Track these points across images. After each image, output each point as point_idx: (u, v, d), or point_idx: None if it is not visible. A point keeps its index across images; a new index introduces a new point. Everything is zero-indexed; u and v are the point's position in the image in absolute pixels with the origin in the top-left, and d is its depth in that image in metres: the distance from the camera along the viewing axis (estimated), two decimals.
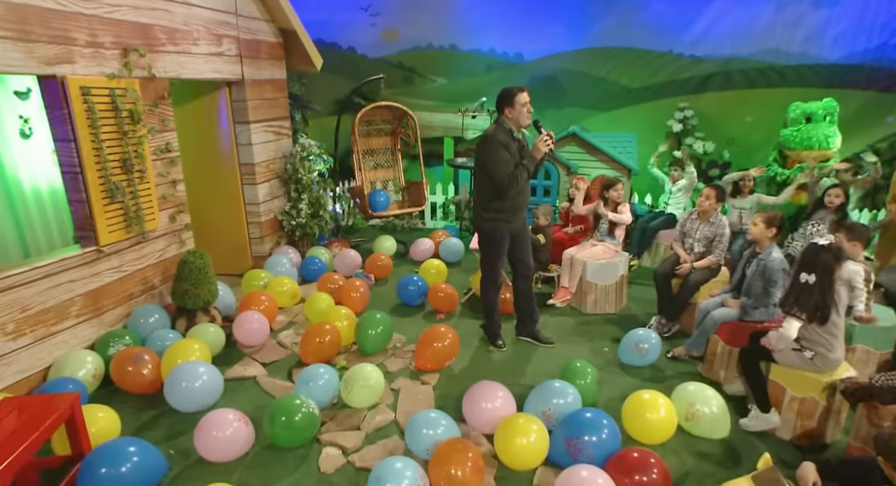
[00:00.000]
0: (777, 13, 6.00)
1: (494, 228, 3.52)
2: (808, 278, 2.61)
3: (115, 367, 3.18)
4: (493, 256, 3.64)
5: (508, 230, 3.56)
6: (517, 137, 3.42)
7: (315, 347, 3.57)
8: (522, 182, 3.38)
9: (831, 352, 2.76)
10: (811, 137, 5.01)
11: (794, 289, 2.65)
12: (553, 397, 2.87)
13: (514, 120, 3.38)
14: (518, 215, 3.57)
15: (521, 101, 3.32)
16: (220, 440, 2.61)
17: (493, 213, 3.48)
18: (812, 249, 2.65)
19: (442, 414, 2.73)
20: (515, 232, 3.62)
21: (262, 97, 5.00)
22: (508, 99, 3.35)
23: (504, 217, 3.49)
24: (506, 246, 3.61)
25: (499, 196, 3.41)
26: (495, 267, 3.68)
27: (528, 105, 3.35)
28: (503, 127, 3.39)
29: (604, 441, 2.53)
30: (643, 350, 3.53)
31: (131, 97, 3.50)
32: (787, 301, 2.69)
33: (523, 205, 3.58)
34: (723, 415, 2.85)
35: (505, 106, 3.38)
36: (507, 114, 3.39)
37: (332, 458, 2.72)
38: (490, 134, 3.37)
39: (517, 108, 3.33)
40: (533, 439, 2.56)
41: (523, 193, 3.52)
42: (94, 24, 3.26)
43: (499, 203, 3.45)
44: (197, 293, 3.80)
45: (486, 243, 3.65)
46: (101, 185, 3.35)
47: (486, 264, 3.72)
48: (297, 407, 2.76)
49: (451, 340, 3.57)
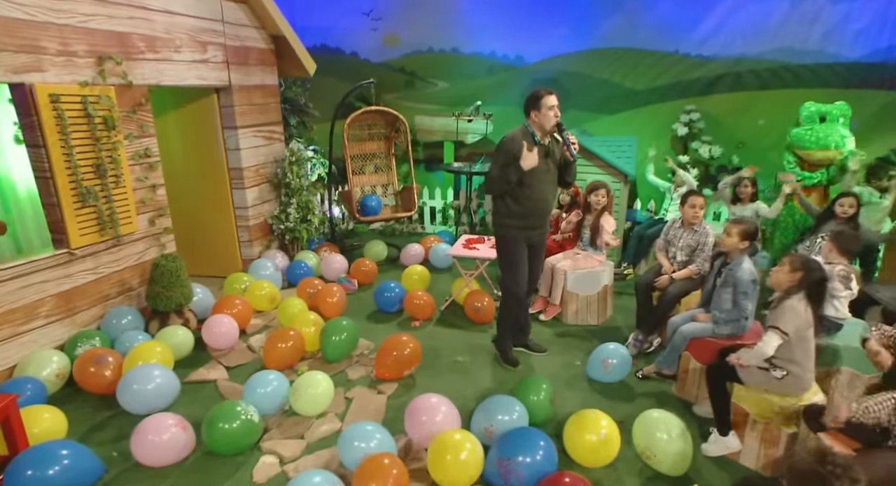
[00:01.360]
0: (792, 9, 5.65)
1: (506, 233, 3.39)
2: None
3: (77, 367, 3.26)
4: (510, 262, 3.43)
5: (524, 237, 3.39)
6: (540, 142, 3.25)
7: (278, 352, 3.57)
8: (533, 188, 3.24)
9: (805, 372, 2.56)
10: (828, 137, 4.65)
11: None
12: (498, 413, 2.76)
13: (539, 124, 3.21)
14: (534, 224, 3.38)
15: (548, 104, 3.16)
16: (156, 444, 2.63)
17: (504, 218, 3.35)
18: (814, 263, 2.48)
19: (378, 427, 2.67)
20: (532, 243, 3.45)
21: (250, 103, 5.07)
22: (535, 102, 3.20)
23: (516, 223, 3.34)
24: (522, 252, 3.41)
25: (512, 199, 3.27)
26: (515, 279, 3.43)
27: (556, 109, 3.18)
28: (527, 131, 3.26)
29: (538, 463, 2.41)
30: (610, 366, 3.37)
31: (105, 104, 3.59)
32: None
33: (539, 212, 3.37)
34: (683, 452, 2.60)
35: (531, 109, 3.23)
36: (532, 117, 3.24)
37: (267, 467, 2.70)
38: (507, 137, 3.26)
39: (543, 111, 3.17)
40: (465, 456, 2.45)
41: (536, 199, 3.31)
42: (66, 33, 3.36)
43: (508, 207, 3.31)
44: (169, 296, 3.87)
45: (500, 249, 3.49)
46: (73, 189, 3.45)
47: (503, 272, 3.51)
48: (235, 414, 2.75)
49: (411, 349, 3.50)
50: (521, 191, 3.25)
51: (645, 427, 2.68)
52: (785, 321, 2.43)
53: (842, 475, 1.58)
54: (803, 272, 2.43)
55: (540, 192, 3.30)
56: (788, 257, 2.52)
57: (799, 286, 2.44)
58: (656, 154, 5.64)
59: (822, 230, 4.08)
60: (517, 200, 3.28)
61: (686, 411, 3.17)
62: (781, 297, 2.51)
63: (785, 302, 2.47)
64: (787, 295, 2.47)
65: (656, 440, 2.59)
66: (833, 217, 4.08)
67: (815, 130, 4.80)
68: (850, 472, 1.58)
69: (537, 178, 3.25)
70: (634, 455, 2.73)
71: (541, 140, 3.25)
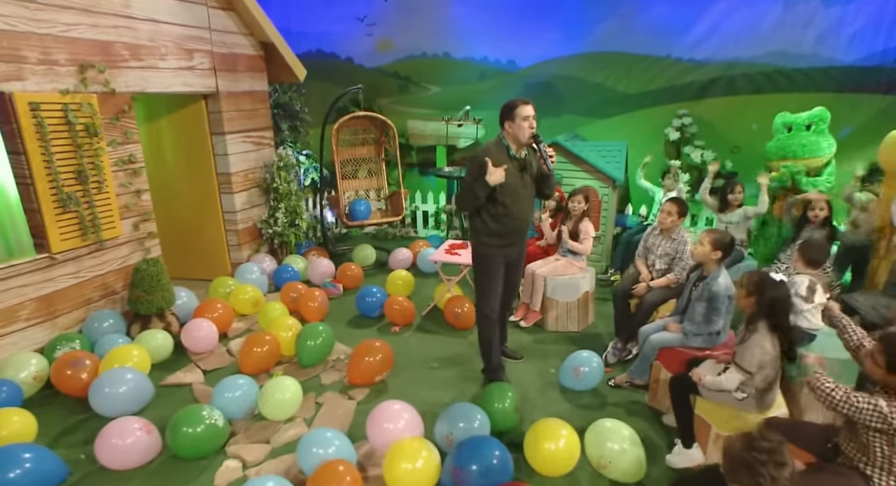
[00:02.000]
0: (785, 12, 5.57)
1: (485, 251, 3.21)
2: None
3: (54, 370, 3.32)
4: (486, 282, 3.25)
5: (502, 255, 3.22)
6: (515, 156, 3.05)
7: (254, 357, 3.60)
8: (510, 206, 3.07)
9: (768, 393, 2.52)
10: (785, 147, 4.65)
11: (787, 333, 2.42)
12: (460, 421, 2.76)
13: (514, 135, 3.01)
14: (513, 241, 3.21)
15: (523, 114, 2.95)
16: (119, 448, 2.67)
17: (482, 236, 3.17)
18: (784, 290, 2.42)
19: (338, 434, 2.68)
20: (510, 261, 3.29)
21: (239, 109, 5.13)
22: (509, 112, 3.00)
23: (494, 242, 3.17)
24: (498, 270, 3.24)
25: (489, 217, 3.11)
26: (488, 299, 3.27)
27: (532, 120, 2.98)
28: (501, 144, 3.07)
29: (491, 472, 2.40)
30: (581, 374, 3.35)
31: (87, 112, 3.66)
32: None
33: (518, 229, 3.20)
34: (636, 458, 2.60)
35: (505, 120, 3.03)
36: (506, 128, 3.04)
37: (229, 471, 2.72)
38: (481, 150, 3.09)
39: (517, 122, 2.96)
40: (420, 465, 2.46)
41: (514, 217, 3.12)
42: (48, 42, 3.44)
43: (485, 224, 3.14)
44: (150, 300, 3.92)
45: (476, 266, 3.31)
46: (53, 195, 3.52)
47: (478, 291, 3.34)
48: (200, 419, 2.78)
49: (383, 355, 3.51)
50: (497, 209, 3.08)
51: (596, 437, 2.66)
52: (749, 360, 2.37)
53: (767, 461, 1.58)
54: (756, 296, 2.38)
55: (517, 209, 3.12)
56: (743, 278, 2.48)
57: (759, 311, 2.39)
58: (650, 161, 5.60)
59: (801, 237, 4.04)
60: (495, 217, 3.10)
61: (657, 420, 3.14)
62: (748, 328, 2.45)
63: (751, 337, 2.41)
64: (753, 325, 2.41)
65: (607, 449, 2.58)
66: (808, 222, 4.03)
67: (779, 142, 4.84)
68: (775, 456, 1.57)
69: (514, 194, 3.07)
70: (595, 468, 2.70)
71: (516, 153, 3.06)
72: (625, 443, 2.61)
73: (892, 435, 1.87)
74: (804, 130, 4.75)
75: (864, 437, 1.94)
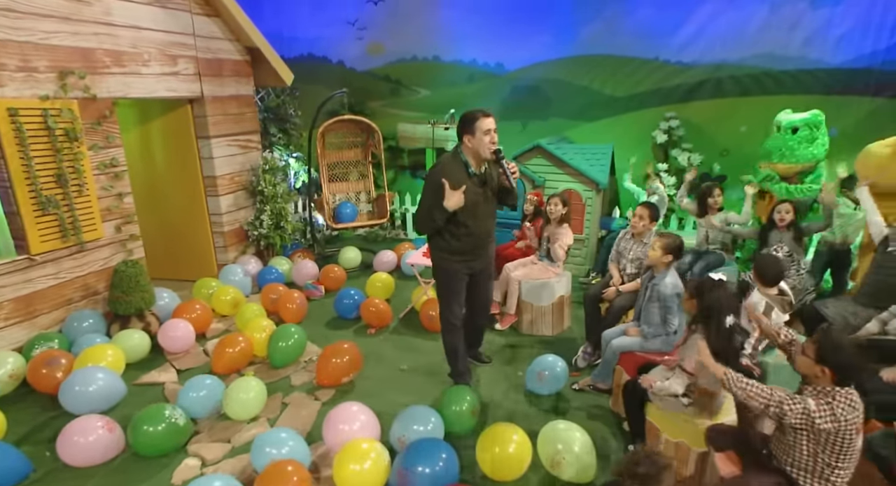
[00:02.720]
0: (771, 14, 5.53)
1: (446, 266, 3.11)
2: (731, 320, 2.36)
3: (30, 369, 3.41)
4: (447, 295, 3.19)
5: (465, 269, 3.12)
6: (475, 173, 2.91)
7: (226, 357, 3.67)
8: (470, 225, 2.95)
9: (714, 398, 2.53)
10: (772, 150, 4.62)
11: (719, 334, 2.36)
12: (414, 423, 2.79)
13: (473, 150, 2.85)
14: (476, 256, 3.12)
15: (484, 127, 2.77)
16: (81, 445, 2.75)
17: (443, 252, 3.07)
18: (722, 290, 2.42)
19: (292, 434, 2.73)
20: (475, 272, 3.20)
21: (224, 113, 5.22)
22: (468, 125, 2.81)
23: (455, 259, 3.07)
24: (460, 283, 3.15)
25: (450, 235, 2.99)
26: (451, 308, 3.20)
27: (493, 134, 2.79)
28: (458, 160, 2.90)
29: (437, 473, 2.43)
30: (544, 378, 3.36)
31: (67, 117, 3.76)
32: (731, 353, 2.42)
33: (480, 245, 3.10)
34: (588, 459, 2.62)
35: (464, 133, 2.83)
36: (465, 142, 2.86)
37: (187, 469, 2.78)
38: (436, 167, 2.92)
39: (478, 136, 2.79)
40: (367, 466, 2.50)
41: (476, 235, 3.02)
42: (27, 50, 3.54)
43: (448, 243, 3.02)
44: (129, 300, 4.01)
45: (436, 279, 3.23)
46: (32, 198, 3.62)
47: (440, 304, 3.27)
48: (161, 418, 2.85)
49: (350, 357, 3.56)
50: (459, 229, 2.96)
51: (549, 438, 2.68)
52: (689, 360, 2.39)
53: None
54: (697, 298, 2.39)
55: (478, 226, 3.01)
56: (688, 282, 2.49)
57: (699, 313, 2.40)
58: (636, 162, 5.60)
59: (771, 241, 4.02)
60: (456, 237, 2.99)
61: (617, 425, 3.14)
62: (689, 329, 2.47)
63: (691, 337, 2.43)
64: (695, 326, 2.43)
65: (559, 451, 2.60)
66: (774, 226, 4.01)
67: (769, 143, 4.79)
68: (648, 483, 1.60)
69: (474, 213, 2.94)
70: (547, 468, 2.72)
71: (475, 171, 2.92)
72: (576, 445, 2.62)
73: (816, 435, 1.87)
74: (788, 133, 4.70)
75: (791, 438, 1.95)
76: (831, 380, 1.90)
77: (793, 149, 4.51)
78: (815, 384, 1.95)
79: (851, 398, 1.87)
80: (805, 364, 1.97)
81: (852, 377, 1.90)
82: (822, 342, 1.92)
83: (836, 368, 1.88)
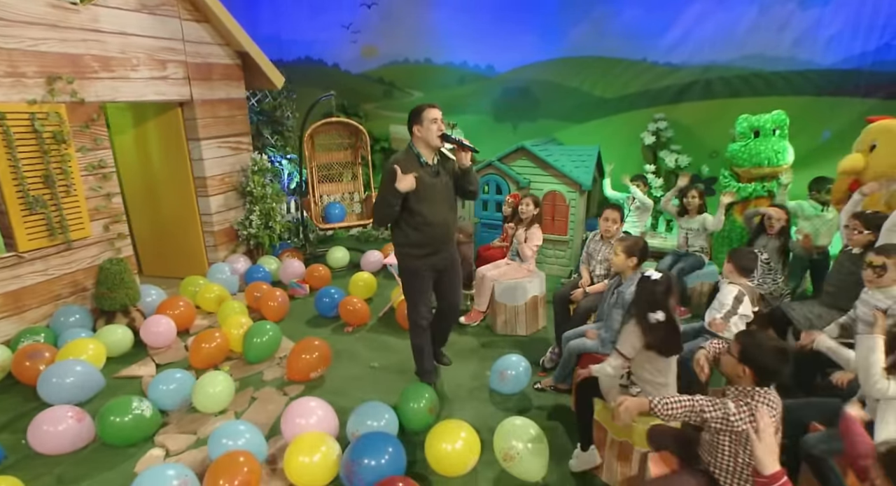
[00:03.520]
0: (760, 15, 5.49)
1: (409, 264, 3.17)
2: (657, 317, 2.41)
3: (14, 361, 3.56)
4: (412, 294, 3.26)
5: (428, 266, 3.16)
6: (426, 163, 3.01)
7: (203, 352, 3.79)
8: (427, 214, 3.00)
9: (659, 389, 2.54)
10: (759, 153, 4.56)
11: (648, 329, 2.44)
12: (368, 418, 2.87)
13: (424, 139, 2.99)
14: (436, 249, 3.13)
15: (430, 117, 2.94)
16: (51, 434, 2.88)
17: (404, 247, 3.13)
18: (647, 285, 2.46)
19: (250, 427, 2.82)
20: (440, 269, 3.23)
21: (214, 115, 5.36)
22: (416, 116, 2.99)
23: (416, 252, 3.11)
24: (425, 282, 3.21)
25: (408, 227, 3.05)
26: (417, 308, 3.26)
27: (440, 122, 2.98)
28: (410, 152, 3.04)
29: (382, 467, 2.50)
30: (507, 377, 3.40)
31: (54, 120, 3.92)
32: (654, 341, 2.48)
33: (439, 236, 3.10)
34: (541, 456, 2.66)
35: (413, 124, 3.00)
36: (415, 133, 3.00)
37: (151, 459, 2.89)
38: (389, 159, 3.04)
39: (425, 124, 2.95)
40: (317, 459, 2.58)
41: (434, 224, 3.05)
42: (15, 56, 3.70)
43: (406, 236, 3.08)
44: (113, 297, 4.16)
45: (403, 280, 3.29)
46: (20, 198, 3.78)
47: (408, 305, 3.34)
48: (128, 409, 2.97)
49: (320, 353, 3.65)
50: (415, 218, 3.02)
51: (504, 433, 2.72)
52: (623, 342, 2.44)
53: None
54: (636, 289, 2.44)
55: (434, 215, 3.04)
56: None
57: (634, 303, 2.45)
58: (613, 168, 5.62)
59: (756, 245, 3.99)
60: (414, 227, 3.04)
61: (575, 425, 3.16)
62: (628, 312, 2.52)
63: (629, 321, 2.48)
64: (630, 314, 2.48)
65: (513, 446, 2.64)
66: (764, 232, 3.98)
67: (748, 147, 4.74)
68: None
69: (429, 201, 3.00)
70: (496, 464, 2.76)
71: (427, 160, 3.02)
72: (530, 442, 2.66)
73: (737, 436, 1.89)
74: (772, 135, 4.69)
75: (714, 439, 1.97)
76: (752, 380, 1.92)
77: (786, 149, 4.50)
78: (737, 384, 1.98)
79: (769, 398, 1.89)
80: (729, 364, 2.00)
81: (772, 378, 1.92)
82: (745, 343, 1.96)
83: (756, 368, 1.91)
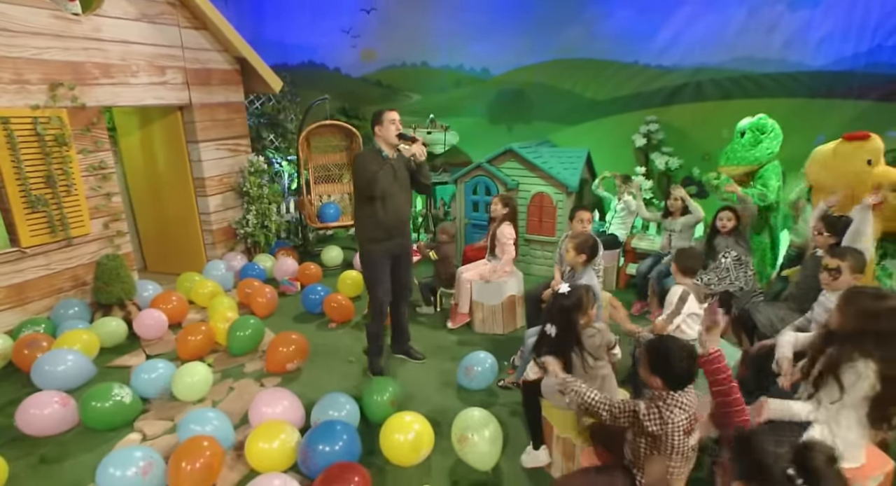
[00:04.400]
0: (749, 17, 5.46)
1: (369, 249, 3.56)
2: (550, 330, 2.54)
3: (15, 349, 3.81)
4: (371, 280, 3.63)
5: (386, 251, 3.56)
6: (386, 156, 3.44)
7: (189, 344, 3.98)
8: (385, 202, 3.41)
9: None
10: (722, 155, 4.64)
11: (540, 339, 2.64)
12: (330, 408, 3.01)
13: (384, 137, 3.45)
14: (392, 235, 3.53)
15: (389, 118, 3.42)
16: (37, 417, 3.09)
17: (367, 235, 3.53)
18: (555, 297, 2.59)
19: (219, 414, 2.99)
20: (395, 255, 3.63)
21: (213, 119, 5.58)
22: (377, 117, 3.47)
23: (376, 236, 3.50)
24: (383, 267, 3.59)
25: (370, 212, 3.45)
26: (376, 291, 3.63)
27: (398, 123, 3.45)
28: (373, 148, 3.50)
29: (335, 453, 2.63)
30: (472, 373, 3.50)
31: (56, 124, 4.17)
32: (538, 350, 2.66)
33: (396, 223, 3.53)
34: (492, 447, 2.76)
35: (375, 125, 3.49)
36: (377, 133, 3.48)
37: (128, 442, 3.08)
38: (357, 154, 3.52)
39: (385, 124, 3.42)
40: (276, 445, 2.73)
41: (391, 211, 3.48)
42: (20, 64, 3.96)
43: (364, 224, 3.51)
44: (109, 291, 4.40)
45: (363, 267, 3.68)
46: (23, 197, 4.04)
47: (369, 292, 3.70)
48: (108, 395, 3.17)
49: (297, 346, 3.81)
50: (375, 205, 3.42)
51: (462, 422, 2.82)
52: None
53: None
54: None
55: (392, 204, 3.46)
56: None
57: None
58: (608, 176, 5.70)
59: (718, 247, 4.02)
60: (373, 216, 3.46)
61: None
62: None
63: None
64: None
65: (468, 429, 2.74)
66: (717, 233, 4.02)
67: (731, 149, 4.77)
68: None
69: (387, 192, 3.42)
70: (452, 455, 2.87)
71: (388, 156, 3.45)
72: (486, 431, 2.75)
73: (652, 435, 1.96)
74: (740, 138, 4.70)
75: (631, 436, 2.04)
76: (663, 386, 1.98)
77: (736, 151, 4.52)
78: (653, 389, 2.03)
79: (681, 401, 1.95)
80: (642, 372, 2.06)
81: (683, 383, 1.97)
82: (651, 354, 2.01)
83: (665, 377, 1.96)
